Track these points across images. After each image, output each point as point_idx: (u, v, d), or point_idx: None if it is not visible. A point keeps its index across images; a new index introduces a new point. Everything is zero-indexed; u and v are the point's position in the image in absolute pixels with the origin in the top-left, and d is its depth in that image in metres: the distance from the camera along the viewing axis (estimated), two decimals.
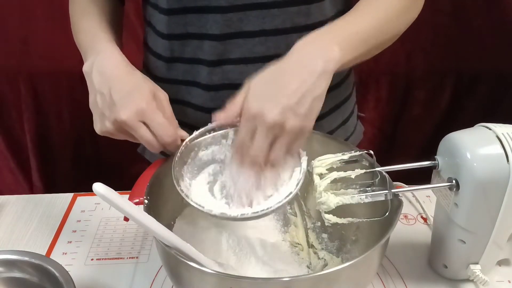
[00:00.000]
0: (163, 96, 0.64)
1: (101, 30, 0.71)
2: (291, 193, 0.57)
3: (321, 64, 0.55)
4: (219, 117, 0.58)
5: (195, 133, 0.62)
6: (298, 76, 0.54)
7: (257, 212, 0.56)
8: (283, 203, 0.56)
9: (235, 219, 0.56)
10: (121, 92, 0.60)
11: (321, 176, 0.59)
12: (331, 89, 0.80)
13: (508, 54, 1.34)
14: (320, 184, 0.58)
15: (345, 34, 0.59)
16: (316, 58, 0.55)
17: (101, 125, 0.61)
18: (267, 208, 0.56)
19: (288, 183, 0.58)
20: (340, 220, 0.59)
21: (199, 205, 0.57)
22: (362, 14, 0.64)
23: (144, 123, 0.59)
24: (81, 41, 0.72)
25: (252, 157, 0.55)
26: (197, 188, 0.61)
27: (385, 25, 0.64)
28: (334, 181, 0.59)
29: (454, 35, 1.34)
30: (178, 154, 0.61)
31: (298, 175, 0.58)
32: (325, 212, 0.58)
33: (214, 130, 0.62)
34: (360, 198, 0.58)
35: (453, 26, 1.33)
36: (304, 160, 0.58)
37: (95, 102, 0.62)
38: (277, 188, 0.58)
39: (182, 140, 0.62)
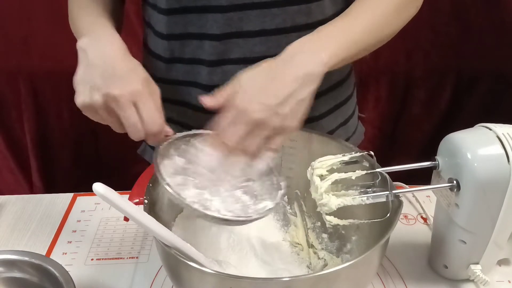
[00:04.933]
0: (156, 89, 0.62)
1: (103, 17, 0.70)
2: (270, 209, 0.58)
3: (308, 68, 0.57)
4: (206, 100, 0.59)
5: (179, 134, 0.62)
6: (285, 79, 0.57)
7: (240, 217, 0.56)
8: (261, 217, 0.57)
9: (214, 219, 0.55)
10: (119, 68, 0.58)
11: (321, 177, 0.59)
12: (332, 88, 0.81)
13: (508, 54, 1.34)
14: (321, 185, 0.58)
15: (335, 37, 0.60)
16: (304, 62, 0.57)
17: (87, 97, 0.58)
18: (250, 217, 0.56)
19: (272, 196, 0.60)
20: (341, 222, 0.59)
21: (181, 197, 0.55)
22: (355, 15, 0.64)
23: (134, 105, 0.58)
24: (81, 29, 0.70)
25: (225, 141, 0.57)
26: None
27: (378, 26, 0.65)
28: (335, 183, 0.59)
29: (454, 35, 1.34)
30: (161, 147, 0.59)
31: (280, 194, 0.59)
32: (326, 214, 0.58)
33: (195, 137, 0.62)
34: (362, 200, 0.58)
35: (453, 26, 1.33)
36: (284, 186, 0.60)
37: (85, 74, 0.59)
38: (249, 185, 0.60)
39: (166, 136, 0.61)
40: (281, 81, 0.56)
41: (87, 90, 0.58)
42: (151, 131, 0.58)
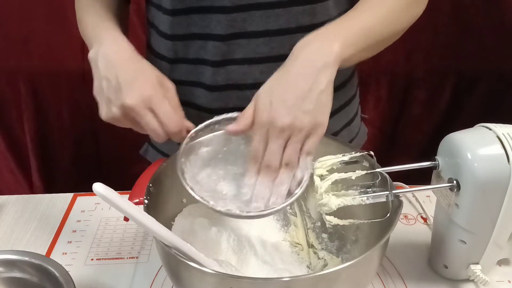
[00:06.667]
0: (170, 85, 0.63)
1: (106, 19, 0.71)
2: (296, 193, 0.57)
3: (321, 59, 0.56)
4: (231, 130, 0.58)
5: (201, 125, 0.62)
6: (300, 75, 0.55)
7: (263, 211, 0.56)
8: (289, 203, 0.57)
9: (239, 216, 0.57)
10: (127, 77, 0.59)
11: (321, 177, 0.59)
12: (336, 89, 0.80)
13: (508, 54, 1.34)
14: (321, 185, 0.58)
15: (345, 29, 0.60)
16: (315, 54, 0.56)
17: (108, 111, 0.60)
18: (273, 208, 0.56)
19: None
20: (341, 222, 0.59)
21: (205, 200, 0.57)
22: (364, 10, 0.63)
23: (151, 111, 0.59)
24: (87, 32, 0.72)
25: (267, 163, 0.56)
26: (203, 182, 0.61)
27: (388, 20, 0.64)
28: (335, 182, 0.59)
29: (454, 35, 1.34)
30: (184, 145, 0.60)
31: (305, 176, 0.58)
32: (326, 214, 0.58)
33: (218, 123, 0.62)
34: (362, 200, 0.58)
35: (453, 26, 1.33)
36: (311, 162, 0.58)
37: (101, 88, 0.61)
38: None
39: (188, 131, 0.61)
40: (295, 79, 0.55)
41: (105, 105, 0.61)
42: (172, 132, 0.59)
